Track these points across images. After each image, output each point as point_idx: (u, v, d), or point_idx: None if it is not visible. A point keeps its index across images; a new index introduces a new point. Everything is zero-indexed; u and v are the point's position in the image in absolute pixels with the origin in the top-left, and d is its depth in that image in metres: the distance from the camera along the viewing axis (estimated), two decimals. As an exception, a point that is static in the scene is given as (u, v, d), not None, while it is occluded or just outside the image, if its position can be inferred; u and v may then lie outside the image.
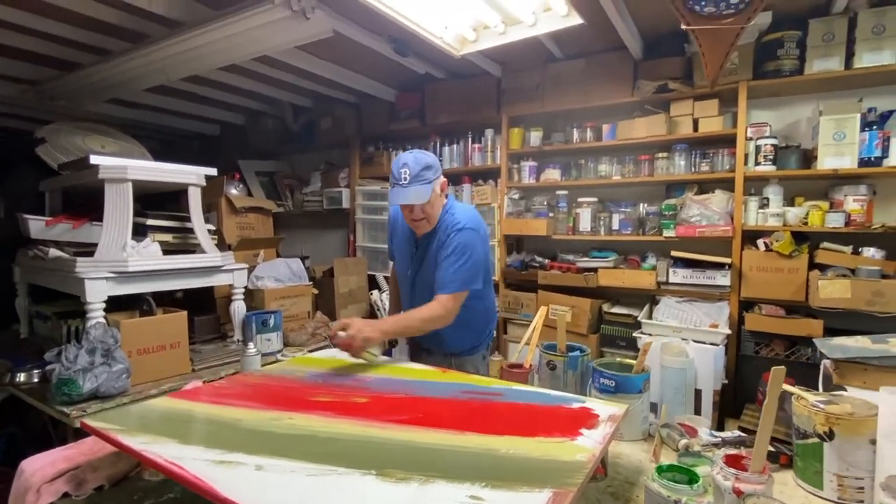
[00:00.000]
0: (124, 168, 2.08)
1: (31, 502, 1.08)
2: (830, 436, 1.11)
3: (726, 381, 2.50)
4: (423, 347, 1.92)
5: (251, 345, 1.85)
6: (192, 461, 0.94)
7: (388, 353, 1.82)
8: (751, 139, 2.58)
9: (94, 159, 2.04)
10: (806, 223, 2.47)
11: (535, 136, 3.24)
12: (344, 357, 1.67)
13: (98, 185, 2.09)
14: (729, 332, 2.47)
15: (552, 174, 3.21)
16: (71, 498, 1.09)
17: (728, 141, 2.68)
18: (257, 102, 4.12)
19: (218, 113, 4.30)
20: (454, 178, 3.68)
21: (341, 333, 1.53)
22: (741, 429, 2.34)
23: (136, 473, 1.20)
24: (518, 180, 3.35)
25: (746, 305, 2.62)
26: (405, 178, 1.60)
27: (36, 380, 1.97)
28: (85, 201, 2.41)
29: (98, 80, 2.82)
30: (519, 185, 3.36)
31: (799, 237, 2.47)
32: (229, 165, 4.19)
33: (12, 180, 2.71)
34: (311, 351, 2.28)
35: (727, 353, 2.53)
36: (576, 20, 2.07)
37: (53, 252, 2.11)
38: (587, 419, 1.16)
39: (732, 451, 1.22)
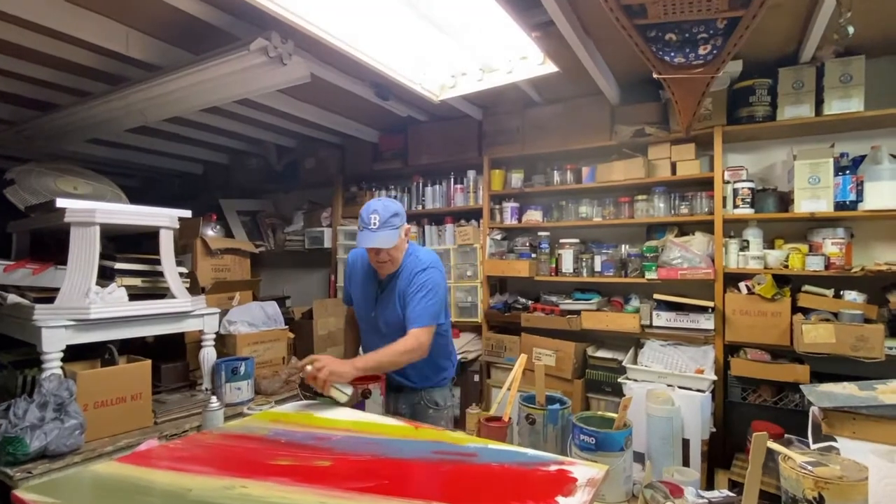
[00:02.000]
0: (92, 211, 2.02)
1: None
2: (820, 501, 1.05)
3: (714, 430, 2.43)
4: (393, 385, 1.94)
5: (214, 398, 1.75)
6: (126, 544, 0.84)
7: (360, 405, 1.73)
8: (728, 182, 2.61)
9: (60, 202, 1.98)
10: (787, 266, 2.47)
11: (517, 178, 3.26)
12: (311, 411, 1.58)
13: (65, 227, 2.03)
14: (715, 378, 2.42)
15: (534, 215, 3.21)
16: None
17: (706, 184, 2.70)
18: (241, 143, 4.12)
19: (201, 152, 4.29)
20: (437, 218, 3.68)
21: (308, 368, 1.56)
22: (731, 482, 2.26)
23: (70, 551, 1.08)
24: (500, 221, 3.35)
25: (731, 349, 2.58)
26: (374, 224, 1.72)
27: (-17, 436, 1.83)
28: (55, 243, 2.34)
29: (77, 120, 2.79)
30: (501, 226, 3.35)
31: (780, 280, 2.47)
32: (211, 204, 4.15)
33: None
34: (280, 402, 2.17)
35: (714, 400, 2.47)
36: (551, 68, 2.11)
37: (12, 298, 2.02)
38: (564, 484, 1.09)
39: (719, 516, 1.15)
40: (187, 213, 2.42)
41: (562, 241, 3.10)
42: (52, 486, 1.14)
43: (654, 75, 1.68)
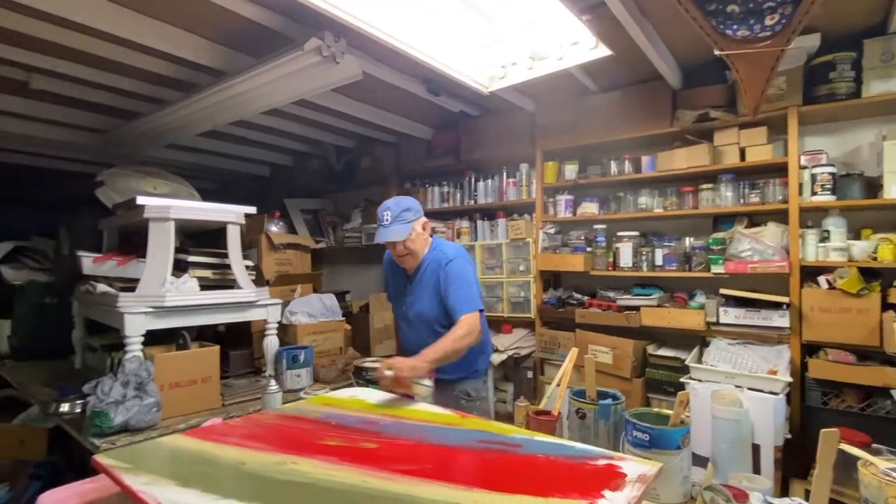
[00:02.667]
0: (167, 208, 2.19)
1: (42, 538, 1.08)
2: (906, 512, 0.94)
3: (790, 436, 2.24)
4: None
5: (273, 382, 1.85)
6: (186, 507, 0.91)
7: (410, 395, 1.76)
8: (805, 167, 2.39)
9: (140, 200, 2.16)
10: (875, 258, 2.23)
11: (571, 170, 3.17)
12: (362, 397, 1.63)
13: (146, 224, 2.21)
14: (790, 379, 2.22)
15: (590, 207, 3.10)
16: (77, 537, 1.09)
17: (779, 170, 2.50)
18: (303, 144, 4.32)
19: (267, 155, 4.54)
20: (489, 213, 3.66)
21: (387, 373, 1.61)
22: (808, 493, 2.07)
23: (143, 514, 1.18)
24: (554, 214, 3.27)
25: (810, 349, 2.36)
26: (387, 220, 1.88)
27: (78, 410, 2.04)
28: (138, 239, 2.56)
29: (155, 126, 3.05)
30: (555, 220, 3.28)
31: (868, 274, 2.23)
32: (277, 204, 4.37)
33: (77, 220, 2.93)
34: (335, 388, 2.25)
35: (790, 404, 2.27)
36: (604, 52, 2.03)
37: (101, 287, 2.23)
38: (612, 479, 1.05)
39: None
40: (252, 210, 2.57)
41: (619, 233, 2.98)
42: (125, 453, 1.25)
43: (716, 52, 1.58)
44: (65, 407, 2.06)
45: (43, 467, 2.38)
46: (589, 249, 3.08)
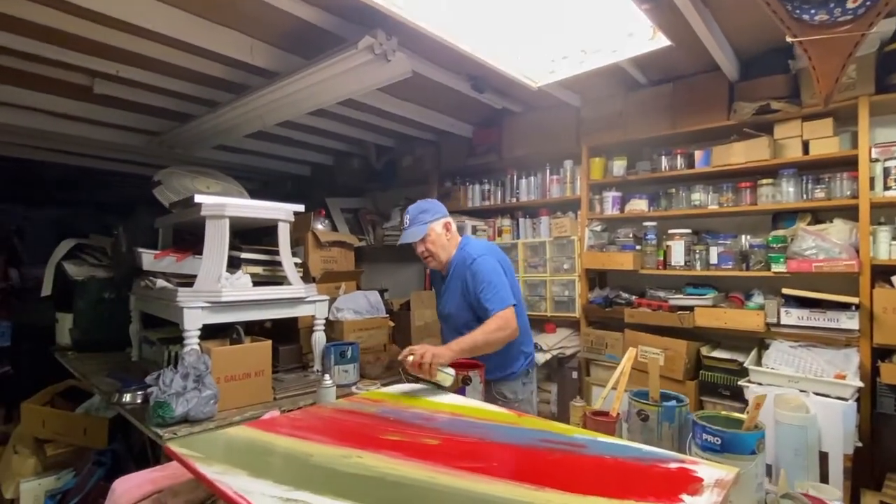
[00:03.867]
0: (223, 206, 2.25)
1: (118, 522, 1.12)
2: None
3: (860, 444, 2.11)
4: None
5: (327, 377, 1.87)
6: (261, 496, 0.92)
7: (461, 391, 1.75)
8: (877, 160, 2.25)
9: (197, 198, 2.23)
10: (957, 257, 2.08)
11: (619, 166, 3.09)
12: (415, 394, 1.63)
13: (201, 222, 2.28)
14: (860, 384, 2.10)
15: (639, 204, 3.02)
16: (152, 521, 1.12)
17: (847, 164, 2.36)
18: (344, 144, 4.37)
19: (309, 155, 4.62)
20: (531, 211, 3.61)
21: (410, 357, 1.64)
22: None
23: (211, 501, 1.21)
24: (600, 211, 3.20)
25: (882, 353, 2.22)
26: (406, 223, 2.02)
27: (139, 401, 2.11)
28: (190, 237, 2.65)
29: (207, 128, 3.14)
30: (601, 217, 3.20)
31: (949, 273, 2.08)
32: (318, 203, 4.45)
33: (134, 218, 3.05)
34: (384, 384, 2.27)
35: (860, 411, 2.15)
36: (662, 42, 1.96)
37: (160, 283, 2.31)
38: (688, 483, 1.00)
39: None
40: (300, 208, 2.61)
41: (670, 231, 2.88)
42: (193, 442, 1.29)
43: (788, 38, 1.49)
44: (127, 397, 2.14)
45: (105, 455, 2.49)
46: (638, 247, 2.99)
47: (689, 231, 2.85)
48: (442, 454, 1.14)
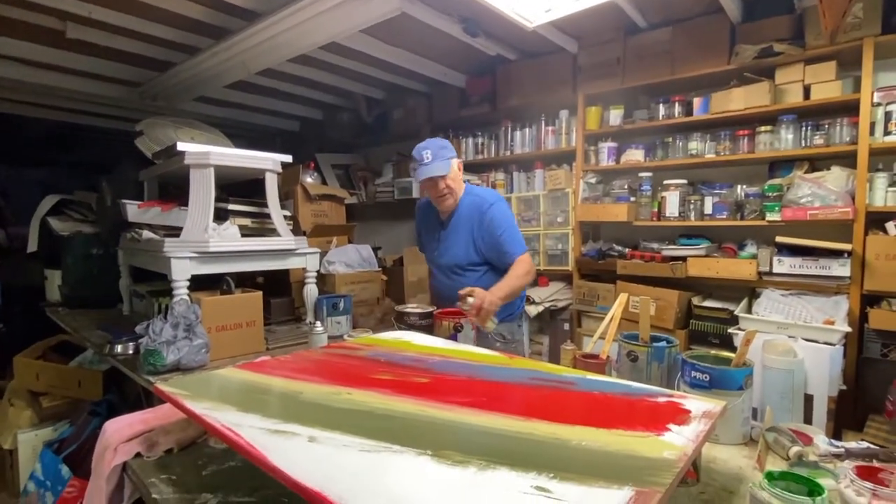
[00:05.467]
0: (207, 154, 2.18)
1: (109, 459, 1.12)
2: None
3: (844, 387, 2.15)
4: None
5: (318, 324, 1.86)
6: (249, 429, 0.92)
7: (453, 337, 1.75)
8: (878, 105, 2.20)
9: (180, 146, 2.16)
10: (953, 202, 2.06)
11: (615, 115, 3.01)
12: (409, 339, 1.62)
13: (186, 173, 2.22)
14: (848, 329, 2.12)
15: (634, 155, 2.96)
16: (143, 458, 1.13)
17: (848, 109, 2.30)
18: (333, 96, 4.23)
19: (297, 108, 4.48)
20: (525, 165, 3.55)
21: (469, 299, 1.70)
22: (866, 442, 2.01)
23: (203, 440, 1.22)
24: (595, 163, 3.14)
25: (871, 300, 2.24)
26: (427, 158, 1.89)
27: (130, 351, 2.11)
28: (177, 189, 2.58)
29: (188, 77, 3.02)
30: (596, 168, 3.15)
31: (944, 219, 2.07)
32: (308, 159, 4.35)
33: (118, 173, 2.97)
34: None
35: (846, 355, 2.18)
36: (663, -24, 1.86)
37: (146, 234, 2.27)
38: (676, 414, 1.01)
39: (862, 464, 1.01)
40: (289, 158, 2.54)
41: (666, 182, 2.84)
42: (185, 382, 1.28)
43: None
44: (118, 348, 2.13)
45: (100, 405, 2.51)
46: (633, 199, 2.96)
47: (684, 181, 2.80)
48: (432, 391, 1.14)
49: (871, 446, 1.19)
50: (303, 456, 0.82)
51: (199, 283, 2.21)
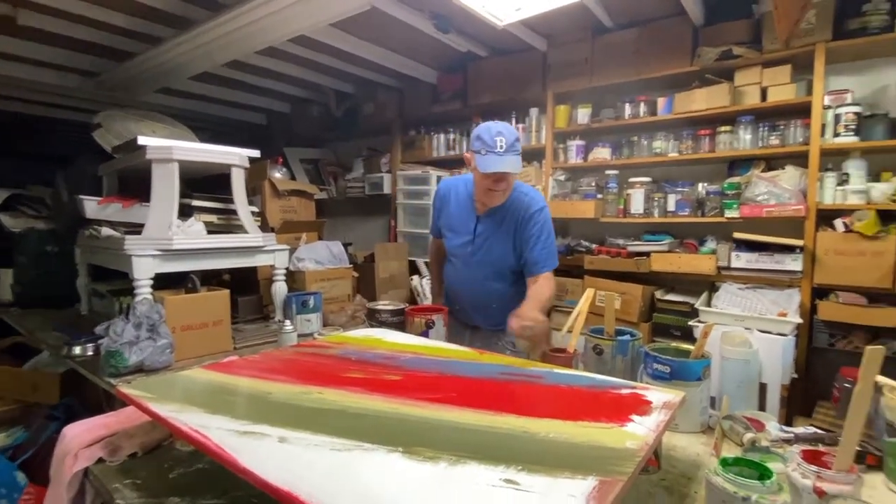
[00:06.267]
0: (170, 149, 2.11)
1: (69, 465, 1.09)
2: (934, 433, 0.94)
3: (796, 376, 2.28)
4: (469, 325, 1.93)
5: (288, 322, 1.84)
6: (217, 430, 0.90)
7: (424, 334, 1.76)
8: (829, 108, 2.31)
9: (141, 140, 2.08)
10: (894, 200, 2.19)
11: (583, 113, 3.07)
12: (380, 336, 1.62)
13: (148, 168, 2.14)
14: (800, 321, 2.24)
15: (601, 153, 3.03)
16: (105, 463, 1.10)
17: (801, 111, 2.42)
18: (301, 90, 4.16)
19: (264, 101, 4.38)
20: (497, 161, 3.57)
21: (522, 328, 1.54)
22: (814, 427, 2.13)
23: (168, 443, 1.20)
24: (564, 160, 3.20)
25: (820, 293, 2.37)
26: (501, 147, 1.58)
27: (90, 353, 2.04)
28: (138, 185, 2.50)
29: (150, 67, 2.91)
30: (565, 166, 3.21)
31: (886, 217, 2.20)
32: (276, 154, 4.26)
33: (75, 167, 2.84)
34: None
35: (797, 345, 2.30)
36: (629, -22, 1.90)
37: (106, 231, 2.19)
38: (638, 405, 1.05)
39: (809, 448, 1.07)
40: (256, 153, 2.49)
41: (631, 179, 2.92)
42: (148, 384, 1.25)
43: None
44: (77, 349, 2.05)
45: (58, 409, 2.41)
46: (600, 196, 3.03)
47: (649, 179, 2.89)
48: (403, 388, 1.15)
49: (818, 431, 1.27)
50: (273, 456, 0.82)
51: (163, 282, 2.15)
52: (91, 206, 2.26)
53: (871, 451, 1.12)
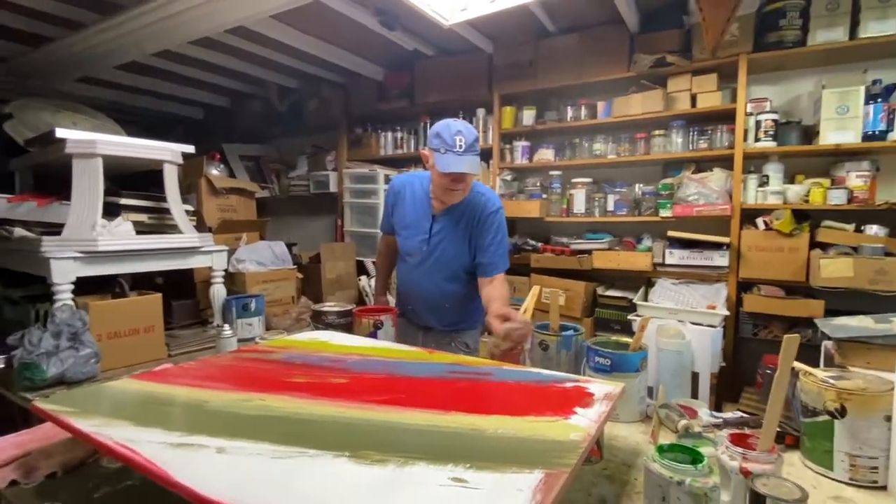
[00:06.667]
0: (93, 142, 1.96)
1: (-25, 492, 0.98)
2: (842, 413, 1.03)
3: (724, 364, 2.43)
4: (422, 325, 1.91)
5: (226, 327, 1.75)
6: (148, 444, 0.84)
7: (373, 335, 1.73)
8: (751, 114, 2.50)
9: (60, 132, 1.92)
10: (807, 201, 2.40)
11: (528, 115, 3.14)
12: (326, 339, 1.58)
13: (67, 163, 1.98)
14: (727, 313, 2.40)
15: (546, 154, 3.11)
16: (20, 486, 1.00)
17: (727, 117, 2.59)
18: (242, 83, 3.99)
19: (201, 95, 4.16)
20: (445, 160, 3.58)
21: (505, 325, 1.49)
22: (741, 411, 2.29)
23: (93, 460, 1.10)
24: (510, 161, 3.26)
25: (745, 286, 2.55)
26: (460, 146, 1.54)
27: (1, 365, 1.86)
28: (57, 181, 2.30)
29: (69, 54, 2.69)
30: (511, 166, 3.27)
31: (800, 216, 2.40)
32: (213, 149, 4.06)
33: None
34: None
35: (725, 336, 2.46)
36: (570, -16, 1.96)
37: (18, 231, 2.00)
38: (581, 398, 1.08)
39: (735, 431, 1.15)
40: (191, 149, 2.36)
41: (574, 180, 3.02)
42: (68, 398, 1.15)
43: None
44: (-15, 362, 1.87)
45: (-36, 429, 2.18)
46: (544, 196, 3.11)
47: (590, 180, 3.00)
48: (350, 391, 1.13)
49: (744, 415, 1.36)
50: (210, 469, 0.78)
51: (88, 286, 1.99)
52: (1, 204, 2.05)
53: (790, 431, 1.22)
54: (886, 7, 2.16)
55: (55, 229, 2.00)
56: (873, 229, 2.24)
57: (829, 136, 2.28)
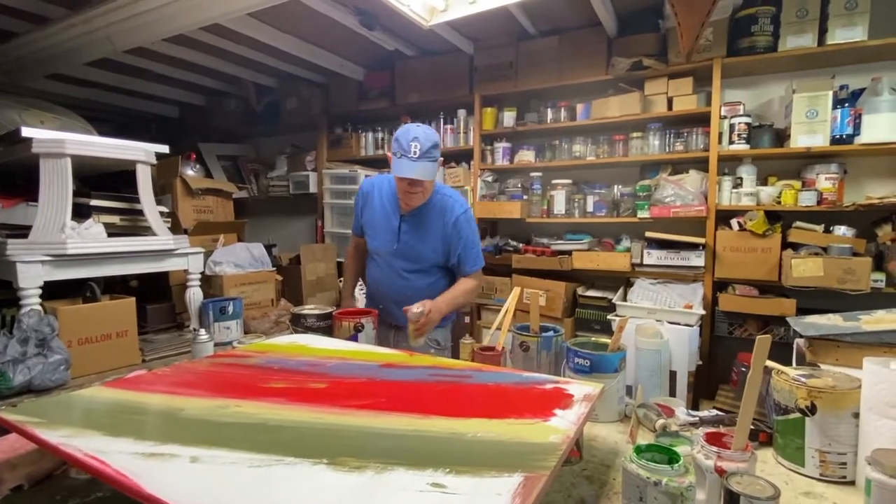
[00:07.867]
0: (61, 142, 1.89)
1: (-66, 508, 0.94)
2: (813, 410, 1.06)
3: (700, 363, 2.48)
4: (393, 325, 1.93)
5: (202, 331, 1.71)
6: (118, 455, 0.82)
7: (353, 338, 1.71)
8: (725, 118, 2.55)
9: (26, 132, 1.85)
10: (779, 202, 2.46)
11: (509, 117, 3.15)
12: (305, 342, 1.56)
13: (35, 163, 1.91)
14: (703, 312, 2.45)
15: (526, 155, 3.13)
16: (-18, 501, 0.96)
17: (702, 120, 2.65)
18: (218, 82, 3.91)
19: (176, 93, 4.07)
20: (426, 161, 3.57)
21: (416, 310, 1.62)
22: (716, 409, 2.34)
23: (62, 472, 1.07)
24: (491, 162, 3.27)
25: (720, 286, 2.60)
26: (415, 152, 1.59)
27: (-36, 374, 1.78)
28: (24, 182, 2.22)
29: (36, 50, 2.60)
30: (492, 167, 3.28)
31: (772, 216, 2.46)
32: (189, 149, 3.97)
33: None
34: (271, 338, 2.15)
35: (701, 335, 2.51)
36: (548, -13, 1.98)
37: (-18, 234, 1.92)
38: (561, 399, 1.09)
39: (711, 430, 1.17)
40: (165, 149, 2.30)
41: (554, 181, 3.04)
42: (37, 407, 1.11)
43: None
44: (-53, 371, 1.79)
45: (-76, 441, 2.08)
46: (525, 197, 3.13)
47: (569, 181, 3.03)
48: (329, 396, 1.11)
49: (720, 413, 1.39)
50: (183, 479, 0.76)
51: (57, 291, 1.93)
52: (-37, 206, 1.97)
53: (764, 428, 1.25)
54: (853, 14, 2.23)
55: (22, 231, 1.93)
56: (841, 230, 2.31)
57: (800, 140, 2.34)
